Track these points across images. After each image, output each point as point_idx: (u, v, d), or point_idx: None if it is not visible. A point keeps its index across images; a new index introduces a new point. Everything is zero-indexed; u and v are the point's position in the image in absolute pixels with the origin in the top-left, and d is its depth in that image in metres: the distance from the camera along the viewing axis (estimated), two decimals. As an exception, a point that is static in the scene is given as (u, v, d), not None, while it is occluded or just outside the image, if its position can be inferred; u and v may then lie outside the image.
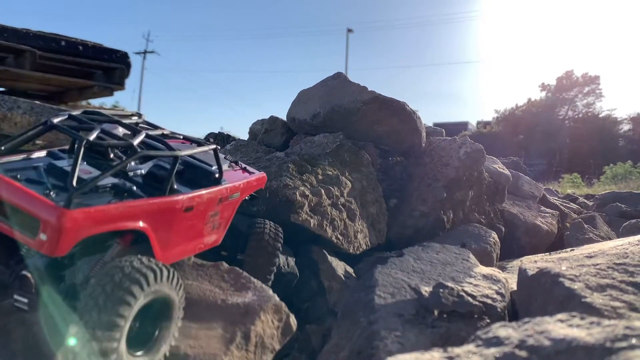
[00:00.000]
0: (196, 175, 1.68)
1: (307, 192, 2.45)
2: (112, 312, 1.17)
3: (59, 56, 5.18)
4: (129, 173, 1.49)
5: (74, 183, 1.21)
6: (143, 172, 1.52)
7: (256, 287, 1.56)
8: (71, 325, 1.23)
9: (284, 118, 3.75)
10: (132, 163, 1.48)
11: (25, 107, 4.30)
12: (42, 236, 1.18)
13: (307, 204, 2.42)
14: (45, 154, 1.52)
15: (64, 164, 1.44)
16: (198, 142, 1.84)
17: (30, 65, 4.98)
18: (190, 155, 1.68)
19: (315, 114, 3.36)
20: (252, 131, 4.30)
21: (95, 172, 1.38)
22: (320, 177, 2.61)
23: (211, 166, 1.73)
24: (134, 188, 1.41)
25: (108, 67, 5.87)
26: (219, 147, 1.83)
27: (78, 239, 1.22)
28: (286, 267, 2.21)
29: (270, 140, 3.74)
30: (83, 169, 1.38)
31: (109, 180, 1.36)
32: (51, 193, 1.23)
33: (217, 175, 1.70)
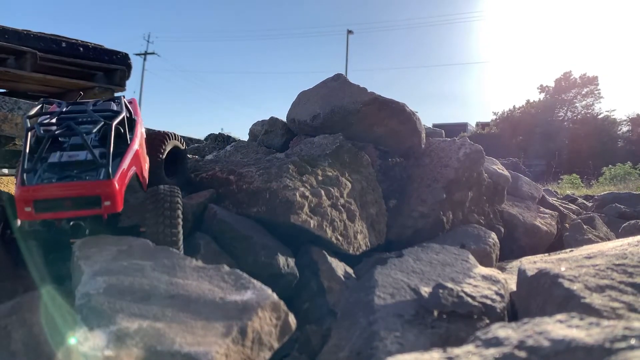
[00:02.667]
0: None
1: (307, 193, 2.45)
2: (175, 217, 1.92)
3: (59, 57, 5.20)
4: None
5: (99, 159, 1.74)
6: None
7: (255, 286, 1.56)
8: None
9: (284, 119, 3.77)
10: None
11: (26, 109, 4.32)
12: (107, 203, 1.73)
13: (307, 204, 2.42)
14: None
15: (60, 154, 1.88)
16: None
17: (31, 67, 4.99)
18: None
19: (315, 115, 3.37)
20: (252, 132, 4.31)
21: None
22: (320, 178, 2.62)
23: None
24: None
25: (109, 69, 5.89)
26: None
27: (123, 192, 1.84)
28: (286, 267, 2.21)
29: (270, 141, 3.75)
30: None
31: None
32: (87, 175, 1.74)
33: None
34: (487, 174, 3.42)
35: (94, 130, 1.92)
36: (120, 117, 2.00)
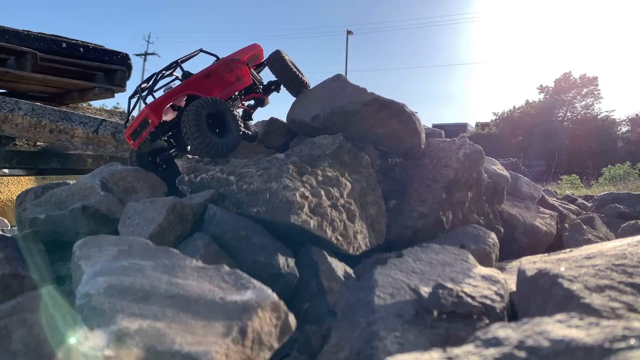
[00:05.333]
0: None
1: (307, 193, 2.45)
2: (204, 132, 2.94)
3: (60, 58, 5.20)
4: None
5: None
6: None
7: (255, 286, 1.56)
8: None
9: (284, 120, 3.77)
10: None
11: (27, 109, 4.33)
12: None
13: (306, 204, 2.42)
14: None
15: None
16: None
17: (31, 67, 4.99)
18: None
19: (315, 115, 3.37)
20: (252, 132, 4.30)
21: None
22: (320, 178, 2.62)
23: None
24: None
25: (109, 69, 5.89)
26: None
27: None
28: (286, 267, 2.21)
29: (270, 141, 3.75)
30: None
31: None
32: None
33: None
34: (487, 174, 3.42)
35: None
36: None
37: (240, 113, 3.81)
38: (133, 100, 3.48)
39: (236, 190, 2.64)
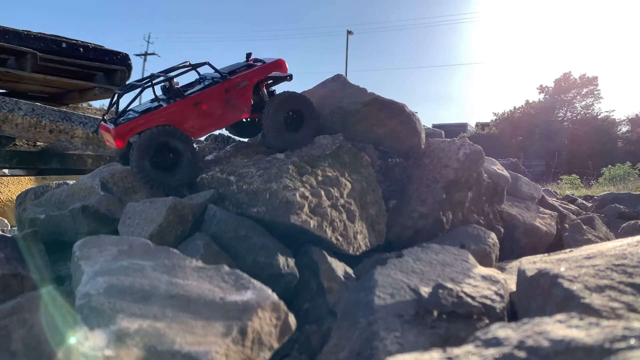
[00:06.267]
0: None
1: (307, 193, 2.45)
2: None
3: (60, 58, 5.20)
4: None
5: None
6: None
7: (255, 286, 1.56)
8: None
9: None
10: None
11: (27, 109, 4.33)
12: None
13: (307, 205, 2.42)
14: None
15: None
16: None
17: (31, 67, 4.99)
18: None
19: (315, 115, 3.37)
20: (252, 132, 4.30)
21: None
22: (320, 178, 2.62)
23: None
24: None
25: (109, 69, 5.89)
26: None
27: None
28: (286, 268, 2.21)
29: (270, 141, 3.75)
30: None
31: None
32: None
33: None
34: (487, 174, 3.42)
35: None
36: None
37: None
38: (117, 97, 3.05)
39: (236, 190, 2.64)
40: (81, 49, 5.29)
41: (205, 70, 3.18)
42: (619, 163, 18.53)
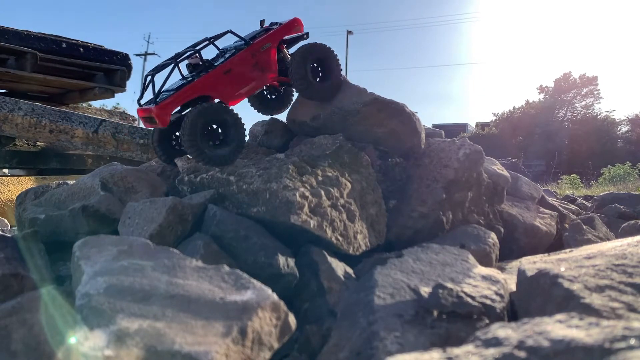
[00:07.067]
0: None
1: (307, 193, 2.45)
2: None
3: (60, 58, 5.20)
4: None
5: None
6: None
7: (255, 286, 1.56)
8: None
9: (284, 120, 3.77)
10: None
11: (26, 109, 4.33)
12: None
13: (306, 205, 2.42)
14: None
15: None
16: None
17: (31, 67, 4.99)
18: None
19: (315, 115, 3.38)
20: (253, 133, 4.30)
21: None
22: (320, 178, 2.62)
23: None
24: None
25: (109, 69, 5.89)
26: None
27: None
28: (286, 267, 2.21)
29: (271, 141, 3.75)
30: None
31: None
32: None
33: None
34: (487, 174, 3.42)
35: None
36: None
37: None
38: (151, 77, 3.09)
39: (236, 190, 2.64)
40: (81, 49, 5.29)
41: (222, 44, 3.27)
42: (619, 163, 18.53)
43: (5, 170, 5.64)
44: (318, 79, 3.31)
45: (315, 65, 3.29)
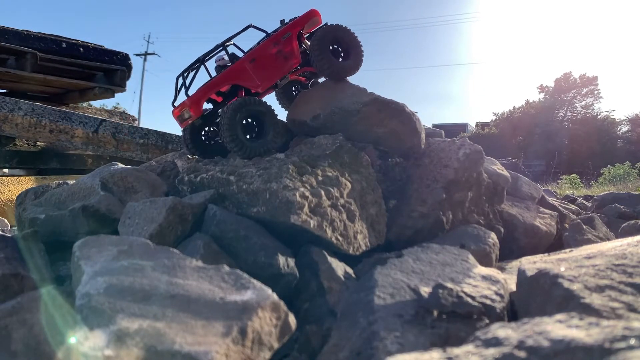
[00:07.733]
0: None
1: (307, 193, 2.45)
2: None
3: (60, 58, 5.20)
4: None
5: None
6: None
7: (255, 286, 1.56)
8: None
9: (284, 120, 3.77)
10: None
11: (26, 109, 4.33)
12: None
13: (307, 204, 2.42)
14: None
15: None
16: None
17: (31, 67, 4.99)
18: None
19: (315, 115, 3.37)
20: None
21: None
22: (320, 178, 2.62)
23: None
24: None
25: (109, 69, 5.88)
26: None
27: None
28: (286, 267, 2.21)
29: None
30: None
31: None
32: None
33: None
34: (487, 174, 3.42)
35: None
36: None
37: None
38: (182, 79, 3.38)
39: (236, 190, 2.64)
40: (81, 49, 5.29)
41: (246, 45, 3.49)
42: (619, 163, 18.52)
43: (5, 170, 5.64)
44: (340, 58, 3.47)
45: (336, 46, 3.44)
